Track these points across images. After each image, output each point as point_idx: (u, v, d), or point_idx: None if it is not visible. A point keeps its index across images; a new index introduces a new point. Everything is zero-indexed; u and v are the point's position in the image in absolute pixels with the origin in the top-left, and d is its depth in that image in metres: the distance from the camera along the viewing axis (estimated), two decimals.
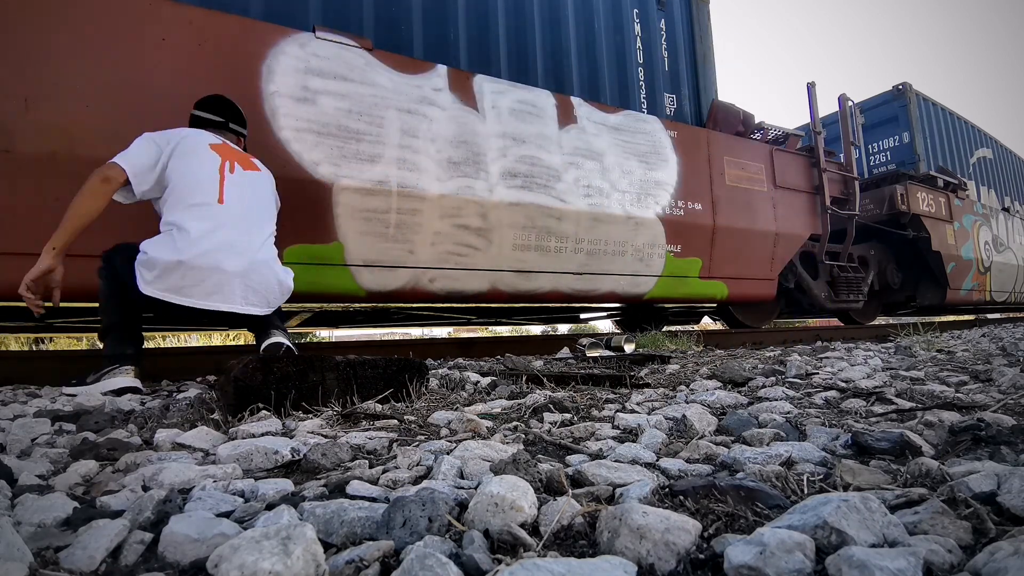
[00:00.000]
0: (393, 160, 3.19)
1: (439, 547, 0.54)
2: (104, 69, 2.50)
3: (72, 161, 2.39)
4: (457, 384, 1.89)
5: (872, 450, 0.87)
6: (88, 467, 0.92)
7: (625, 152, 4.12)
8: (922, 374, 1.81)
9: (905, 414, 1.14)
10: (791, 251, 5.11)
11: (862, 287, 6.00)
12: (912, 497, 0.64)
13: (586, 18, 4.26)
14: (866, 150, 7.96)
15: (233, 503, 0.71)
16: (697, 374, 2.03)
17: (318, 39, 3.05)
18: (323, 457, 0.93)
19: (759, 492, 0.65)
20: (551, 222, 3.73)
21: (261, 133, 2.82)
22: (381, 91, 3.20)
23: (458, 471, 0.82)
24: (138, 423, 1.37)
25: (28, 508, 0.67)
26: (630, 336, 3.71)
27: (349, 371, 1.49)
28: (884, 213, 6.31)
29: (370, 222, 3.13)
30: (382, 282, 3.22)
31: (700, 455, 0.91)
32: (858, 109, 6.20)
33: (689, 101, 4.77)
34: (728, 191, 4.64)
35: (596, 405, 1.41)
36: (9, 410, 1.52)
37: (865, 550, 0.46)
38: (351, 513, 0.62)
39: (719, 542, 0.54)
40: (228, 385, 1.33)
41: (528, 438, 1.07)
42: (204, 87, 2.71)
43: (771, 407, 1.26)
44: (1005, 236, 8.31)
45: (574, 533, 0.60)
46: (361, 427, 1.22)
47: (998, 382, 1.55)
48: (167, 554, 0.56)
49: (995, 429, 0.89)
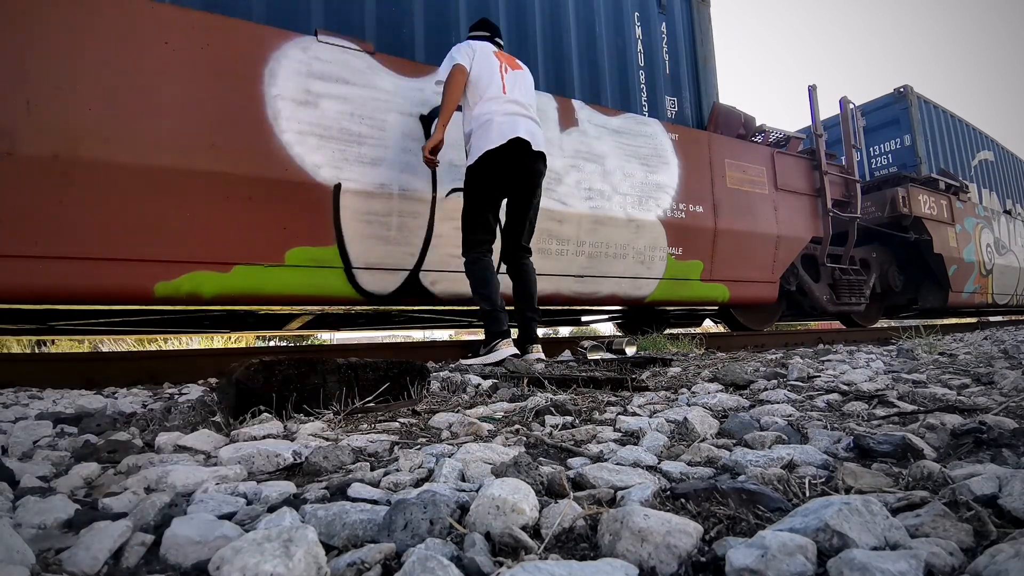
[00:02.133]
0: (395, 163, 3.20)
1: (440, 549, 0.54)
2: (107, 72, 2.51)
3: (73, 163, 2.39)
4: (458, 387, 1.89)
5: (874, 453, 0.87)
6: (90, 469, 0.92)
7: (626, 155, 4.12)
8: (924, 377, 1.80)
9: (907, 417, 1.13)
10: (793, 254, 5.11)
11: (864, 290, 5.99)
12: (914, 500, 0.64)
13: (587, 20, 4.27)
14: (867, 153, 7.96)
15: (235, 505, 0.71)
16: (699, 377, 2.02)
17: (320, 42, 3.06)
18: (325, 460, 0.93)
19: (761, 495, 0.65)
20: (552, 225, 3.73)
21: (263, 136, 2.83)
22: (383, 94, 3.21)
23: (459, 474, 0.82)
24: (140, 425, 1.37)
25: (30, 510, 0.67)
26: (631, 339, 3.71)
27: (350, 373, 1.49)
28: (886, 216, 6.30)
29: (371, 225, 3.14)
30: (382, 284, 3.22)
31: (702, 458, 0.90)
32: (859, 112, 6.20)
33: (690, 104, 4.78)
34: (729, 194, 4.64)
35: (597, 408, 1.41)
36: (11, 412, 1.53)
37: (867, 553, 0.46)
38: (353, 515, 0.62)
39: (720, 545, 0.54)
40: (230, 387, 1.33)
41: (529, 441, 1.07)
42: (207, 90, 2.72)
43: (773, 410, 1.25)
44: (1007, 239, 8.30)
45: (575, 536, 0.60)
46: (362, 430, 1.22)
47: (1000, 385, 1.54)
48: (169, 556, 0.56)
49: (997, 432, 0.89)
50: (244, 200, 2.78)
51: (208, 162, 2.69)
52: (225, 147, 2.73)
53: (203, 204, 2.69)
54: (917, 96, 7.64)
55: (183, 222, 2.65)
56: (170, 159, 2.61)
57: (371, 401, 1.48)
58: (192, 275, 2.68)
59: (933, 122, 7.94)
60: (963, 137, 8.55)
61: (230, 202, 2.75)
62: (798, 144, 5.39)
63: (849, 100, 5.99)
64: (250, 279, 2.82)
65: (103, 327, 4.52)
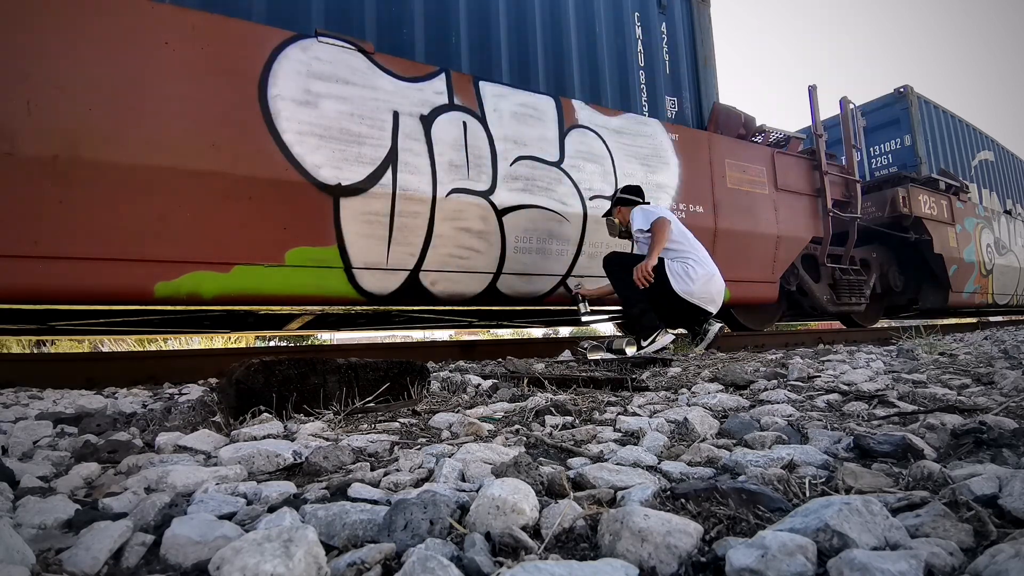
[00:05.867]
0: (395, 163, 3.19)
1: (440, 550, 0.54)
2: (108, 72, 2.51)
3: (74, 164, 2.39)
4: (459, 387, 1.89)
5: (874, 453, 0.87)
6: (90, 469, 0.92)
7: (627, 155, 4.12)
8: (924, 377, 1.80)
9: (907, 417, 1.13)
10: (793, 254, 5.11)
11: (864, 290, 5.98)
12: (914, 500, 0.64)
13: (587, 21, 4.27)
14: (868, 153, 7.95)
15: (235, 505, 0.71)
16: (699, 377, 2.02)
17: (320, 42, 3.06)
18: (325, 460, 0.93)
19: (761, 495, 0.65)
20: (552, 225, 3.74)
21: (263, 136, 2.83)
22: (383, 94, 3.21)
23: (459, 474, 0.82)
24: (140, 425, 1.37)
25: (30, 510, 0.67)
26: (631, 339, 3.71)
27: (351, 374, 1.49)
28: (886, 216, 6.30)
29: (372, 225, 3.14)
30: (382, 284, 3.22)
31: (702, 458, 0.90)
32: (859, 112, 6.20)
33: (690, 104, 4.77)
34: (729, 194, 4.64)
35: (598, 408, 1.41)
36: (11, 412, 1.53)
37: (867, 553, 0.46)
38: (353, 516, 0.62)
39: (721, 545, 0.54)
40: (230, 387, 1.33)
41: (529, 441, 1.07)
42: (207, 90, 2.72)
43: (773, 410, 1.25)
44: (1007, 239, 8.29)
45: (575, 536, 0.60)
46: (362, 430, 1.22)
47: (1000, 385, 1.54)
48: (169, 556, 0.56)
49: (997, 432, 0.89)
50: (244, 200, 2.78)
51: (208, 162, 2.69)
52: (225, 147, 2.73)
53: (203, 204, 2.69)
54: (917, 96, 7.64)
55: (183, 222, 2.65)
56: (170, 159, 2.61)
57: (371, 401, 1.48)
58: (192, 275, 2.68)
59: (933, 122, 7.94)
60: (963, 137, 8.55)
61: (230, 202, 2.75)
62: (798, 144, 5.39)
63: (849, 100, 5.99)
64: (250, 279, 2.82)
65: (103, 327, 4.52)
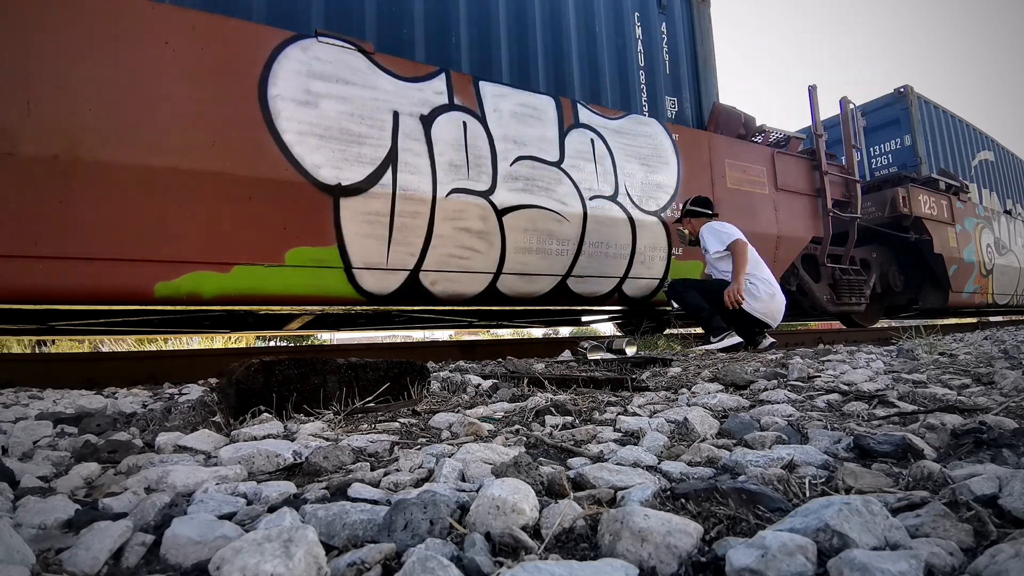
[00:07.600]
0: (395, 163, 3.19)
1: (440, 550, 0.54)
2: (108, 72, 2.51)
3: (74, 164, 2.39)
4: (459, 387, 1.89)
5: (874, 453, 0.87)
6: (90, 469, 0.92)
7: (627, 155, 4.12)
8: (924, 377, 1.80)
9: (907, 417, 1.13)
10: (793, 254, 5.11)
11: (864, 290, 5.98)
12: (914, 500, 0.64)
13: (587, 20, 4.27)
14: (868, 153, 7.95)
15: (235, 505, 0.71)
16: (699, 377, 2.02)
17: (320, 42, 3.06)
18: (325, 460, 0.93)
19: (761, 495, 0.65)
20: (552, 225, 3.73)
21: (263, 136, 2.83)
22: (383, 94, 3.21)
23: (460, 474, 0.82)
24: (140, 426, 1.37)
25: (30, 510, 0.67)
26: (632, 339, 3.71)
27: (350, 374, 1.49)
28: (886, 216, 6.30)
29: (372, 225, 3.14)
30: (382, 284, 3.22)
31: (702, 458, 0.90)
32: (859, 112, 6.20)
33: (690, 104, 4.78)
34: (730, 194, 4.64)
35: (598, 408, 1.41)
36: (11, 412, 1.53)
37: (867, 553, 0.46)
38: (353, 516, 0.62)
39: (721, 545, 0.54)
40: (230, 387, 1.33)
41: (529, 441, 1.07)
42: (207, 90, 2.72)
43: (773, 410, 1.25)
44: (1007, 239, 8.29)
45: (575, 536, 0.60)
46: (362, 430, 1.22)
47: (1000, 385, 1.54)
48: (169, 556, 0.56)
49: (997, 432, 0.89)
50: (244, 200, 2.78)
51: (208, 162, 2.69)
52: (225, 147, 2.73)
53: (203, 204, 2.69)
54: (917, 96, 7.64)
55: (183, 222, 2.65)
56: (170, 159, 2.61)
57: (371, 401, 1.48)
58: (192, 275, 2.68)
59: (933, 122, 7.94)
60: (963, 137, 8.55)
61: (230, 202, 2.75)
62: (798, 144, 5.39)
63: (849, 100, 5.99)
64: (250, 279, 2.82)
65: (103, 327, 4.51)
